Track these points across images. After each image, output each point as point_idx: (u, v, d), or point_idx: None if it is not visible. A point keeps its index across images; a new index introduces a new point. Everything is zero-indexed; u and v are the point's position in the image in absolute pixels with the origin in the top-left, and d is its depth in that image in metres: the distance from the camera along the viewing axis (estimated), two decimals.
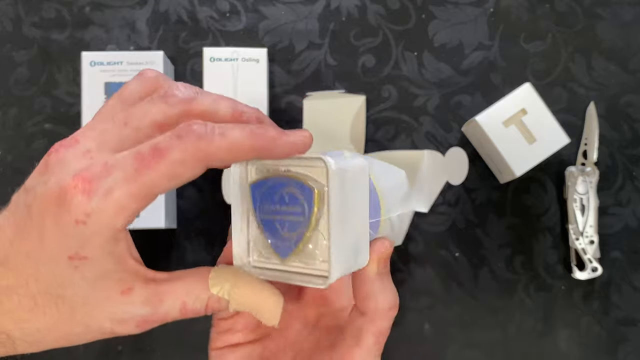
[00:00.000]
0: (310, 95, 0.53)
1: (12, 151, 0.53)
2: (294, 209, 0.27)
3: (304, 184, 0.27)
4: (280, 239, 0.28)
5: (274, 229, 0.28)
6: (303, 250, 0.28)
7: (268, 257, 0.29)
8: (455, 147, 0.52)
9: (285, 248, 0.28)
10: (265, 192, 0.28)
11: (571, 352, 0.53)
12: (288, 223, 0.27)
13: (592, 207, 0.52)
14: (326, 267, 0.27)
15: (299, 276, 0.28)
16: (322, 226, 0.27)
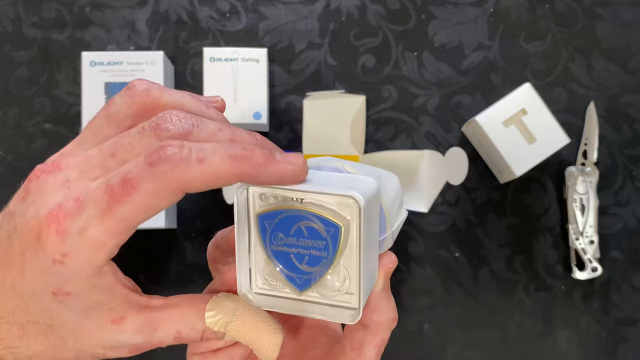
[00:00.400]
0: (310, 95, 0.53)
1: (12, 151, 0.53)
2: (315, 244, 0.26)
3: (328, 220, 0.26)
4: (297, 272, 0.27)
5: (289, 262, 0.27)
6: (322, 283, 0.27)
7: (278, 286, 0.28)
8: (455, 147, 0.52)
9: (303, 281, 0.27)
10: (278, 223, 0.27)
11: (571, 352, 0.53)
12: (308, 257, 0.27)
13: (592, 207, 0.52)
14: (347, 299, 0.27)
15: (317, 307, 0.28)
16: (344, 260, 0.27)
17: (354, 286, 0.27)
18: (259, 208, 0.27)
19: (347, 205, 0.26)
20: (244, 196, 0.27)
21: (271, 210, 0.27)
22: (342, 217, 0.26)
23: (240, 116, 0.51)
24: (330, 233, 0.26)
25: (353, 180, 0.28)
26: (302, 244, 0.27)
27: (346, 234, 0.26)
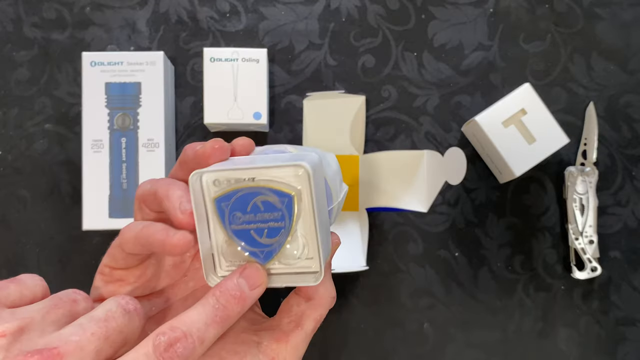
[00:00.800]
0: (310, 95, 0.53)
1: (12, 151, 0.54)
2: (272, 216, 0.28)
3: (281, 191, 0.28)
4: (259, 246, 0.29)
5: (250, 238, 0.29)
6: (283, 253, 0.29)
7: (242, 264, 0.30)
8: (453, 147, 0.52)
9: (265, 254, 0.29)
10: (235, 203, 0.29)
11: (571, 352, 0.53)
12: (267, 230, 0.29)
13: (592, 207, 0.52)
14: (307, 264, 0.29)
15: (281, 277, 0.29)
16: (300, 227, 0.29)
17: (312, 250, 0.29)
18: (214, 193, 0.29)
19: (296, 176, 0.28)
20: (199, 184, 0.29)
21: (226, 192, 0.29)
22: (293, 187, 0.28)
23: (240, 116, 0.51)
24: (285, 203, 0.28)
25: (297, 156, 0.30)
26: (260, 219, 0.29)
27: (299, 201, 0.28)
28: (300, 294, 0.33)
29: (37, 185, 0.53)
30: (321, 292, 0.32)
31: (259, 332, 0.32)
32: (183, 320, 0.27)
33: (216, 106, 0.51)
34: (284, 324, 0.32)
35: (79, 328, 0.25)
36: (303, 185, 0.28)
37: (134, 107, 0.50)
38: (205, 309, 0.27)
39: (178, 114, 0.54)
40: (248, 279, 0.28)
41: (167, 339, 0.26)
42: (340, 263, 0.50)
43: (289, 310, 0.33)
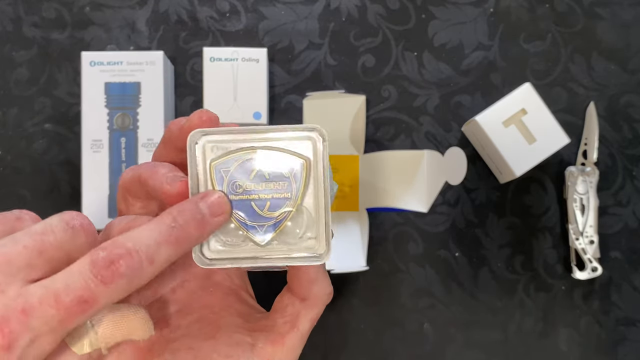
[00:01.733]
0: (310, 95, 0.53)
1: (12, 151, 0.53)
2: (277, 186, 0.25)
3: (292, 156, 0.25)
4: (259, 220, 0.26)
5: (250, 210, 0.26)
6: (283, 231, 0.26)
7: (238, 243, 0.26)
8: (454, 147, 0.52)
9: (266, 229, 0.26)
10: (236, 170, 0.26)
11: (571, 352, 0.53)
12: (270, 201, 0.26)
13: (592, 207, 0.52)
14: (310, 244, 0.26)
15: (280, 259, 0.26)
16: (307, 202, 0.26)
17: (317, 228, 0.26)
18: (214, 159, 0.26)
19: (305, 142, 0.25)
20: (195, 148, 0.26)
21: (227, 158, 0.26)
22: (302, 155, 0.25)
23: (240, 116, 0.51)
24: (293, 171, 0.25)
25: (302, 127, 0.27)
26: (263, 189, 0.26)
27: (308, 170, 0.25)
28: (294, 294, 0.30)
29: (37, 185, 0.53)
30: (315, 291, 0.30)
31: (253, 333, 0.30)
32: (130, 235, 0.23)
33: (216, 106, 0.50)
34: (278, 324, 0.30)
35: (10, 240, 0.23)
36: (316, 153, 0.25)
37: (133, 107, 0.50)
38: (159, 226, 0.24)
39: (178, 114, 0.54)
40: (211, 206, 0.25)
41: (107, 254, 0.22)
42: (340, 263, 0.50)
43: (283, 310, 0.30)
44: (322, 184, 0.25)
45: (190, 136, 0.26)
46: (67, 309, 0.22)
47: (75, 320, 0.22)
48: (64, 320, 0.22)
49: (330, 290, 0.31)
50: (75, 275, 0.22)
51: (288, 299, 0.31)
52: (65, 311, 0.22)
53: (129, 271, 0.22)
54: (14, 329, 0.21)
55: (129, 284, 0.23)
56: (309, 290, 0.30)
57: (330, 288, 0.31)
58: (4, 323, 0.22)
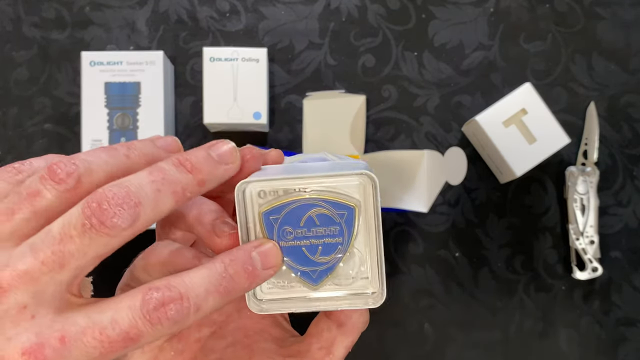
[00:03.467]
0: (310, 95, 0.53)
1: (12, 151, 0.53)
2: (329, 231, 0.26)
3: (340, 203, 0.25)
4: (311, 265, 0.26)
5: (302, 256, 0.26)
6: (337, 272, 0.26)
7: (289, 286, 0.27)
8: (454, 147, 0.52)
9: (318, 273, 0.26)
10: (286, 216, 0.26)
11: (571, 352, 0.53)
12: (322, 247, 0.26)
13: (593, 207, 0.52)
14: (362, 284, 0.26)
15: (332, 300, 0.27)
16: (357, 243, 0.26)
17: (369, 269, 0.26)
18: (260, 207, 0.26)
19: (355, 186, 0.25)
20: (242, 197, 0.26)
21: (276, 205, 0.26)
22: (353, 199, 0.25)
23: (240, 116, 0.51)
24: (344, 216, 0.25)
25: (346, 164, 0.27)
26: (314, 234, 0.26)
27: (358, 214, 0.25)
28: (332, 318, 0.29)
29: None
30: (355, 318, 0.29)
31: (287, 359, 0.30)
32: (183, 280, 0.23)
33: (216, 106, 0.50)
34: (313, 349, 0.29)
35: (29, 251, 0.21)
36: (366, 196, 0.25)
37: (133, 107, 0.50)
38: (211, 273, 0.23)
39: (178, 114, 0.54)
40: (263, 256, 0.25)
41: (160, 296, 0.22)
42: None
43: (319, 335, 0.29)
44: (373, 227, 0.26)
45: (238, 186, 0.26)
46: (112, 344, 0.21)
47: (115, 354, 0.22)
48: (105, 353, 0.22)
49: (367, 319, 0.30)
50: (124, 311, 0.22)
51: (324, 323, 0.30)
52: (109, 345, 0.21)
53: (177, 316, 0.22)
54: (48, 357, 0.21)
55: (172, 327, 0.22)
56: (348, 317, 0.29)
57: (367, 317, 0.30)
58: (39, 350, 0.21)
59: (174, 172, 0.23)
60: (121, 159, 0.24)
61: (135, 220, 0.22)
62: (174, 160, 0.24)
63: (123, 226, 0.22)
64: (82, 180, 0.22)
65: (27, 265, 0.21)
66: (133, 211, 0.22)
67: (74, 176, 0.22)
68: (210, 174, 0.24)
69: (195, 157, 0.24)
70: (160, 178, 0.23)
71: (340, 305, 0.26)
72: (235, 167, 0.25)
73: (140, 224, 0.22)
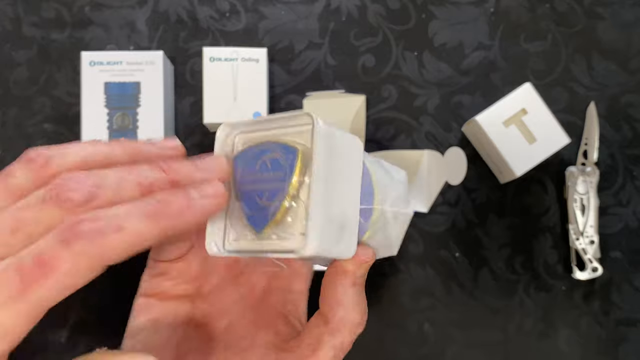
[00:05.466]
0: (310, 95, 0.53)
1: (12, 151, 0.53)
2: (276, 175, 0.24)
3: (287, 145, 0.24)
4: (257, 210, 0.25)
5: (253, 200, 0.25)
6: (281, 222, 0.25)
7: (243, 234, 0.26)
8: (454, 147, 0.52)
9: (261, 219, 0.25)
10: (248, 160, 0.25)
11: (571, 352, 0.53)
12: (268, 191, 0.24)
13: (593, 207, 0.52)
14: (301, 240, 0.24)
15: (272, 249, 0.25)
16: (303, 194, 0.24)
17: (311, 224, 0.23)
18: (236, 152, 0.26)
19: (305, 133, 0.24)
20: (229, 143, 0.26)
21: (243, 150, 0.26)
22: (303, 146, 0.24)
23: (240, 116, 0.51)
24: (289, 160, 0.24)
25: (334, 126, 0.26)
26: (265, 177, 0.25)
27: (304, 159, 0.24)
28: (321, 314, 0.28)
29: None
30: (341, 315, 0.27)
31: (280, 353, 0.28)
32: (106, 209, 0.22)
33: (216, 106, 0.50)
34: (303, 346, 0.28)
35: None
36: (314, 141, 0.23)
37: (133, 107, 0.50)
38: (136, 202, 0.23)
39: (177, 114, 0.54)
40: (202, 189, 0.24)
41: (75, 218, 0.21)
42: None
43: (310, 332, 0.28)
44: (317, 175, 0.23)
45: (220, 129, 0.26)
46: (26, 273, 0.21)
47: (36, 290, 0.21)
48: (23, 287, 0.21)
49: (359, 321, 0.27)
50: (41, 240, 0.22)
51: (315, 319, 0.28)
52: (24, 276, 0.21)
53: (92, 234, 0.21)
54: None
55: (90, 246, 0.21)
56: (331, 312, 0.27)
57: (360, 318, 0.27)
58: None
59: (146, 170, 0.24)
60: (100, 149, 0.24)
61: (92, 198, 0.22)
62: (154, 165, 0.24)
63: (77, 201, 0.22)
64: (50, 162, 0.23)
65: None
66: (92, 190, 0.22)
67: (44, 156, 0.23)
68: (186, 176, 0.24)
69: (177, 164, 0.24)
70: (127, 169, 0.23)
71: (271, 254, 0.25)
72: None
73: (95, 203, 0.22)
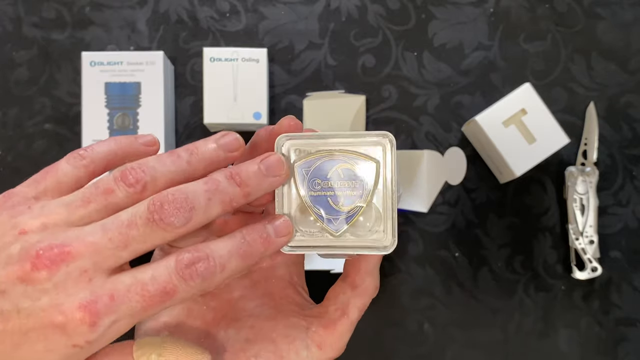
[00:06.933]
0: (310, 95, 0.53)
1: (12, 151, 0.53)
2: (350, 185, 0.29)
3: (364, 159, 0.29)
4: (334, 214, 0.30)
5: (327, 205, 0.30)
6: (355, 224, 0.30)
7: (315, 234, 0.30)
8: (453, 147, 0.52)
9: (339, 222, 0.30)
10: (316, 169, 0.30)
11: (571, 352, 0.53)
12: (344, 198, 0.29)
13: (592, 207, 0.52)
14: (378, 237, 0.30)
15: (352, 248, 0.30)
16: (376, 199, 0.29)
17: (384, 223, 0.30)
18: (296, 160, 0.30)
19: (379, 145, 0.29)
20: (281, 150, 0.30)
21: (308, 159, 0.30)
22: (374, 158, 0.29)
23: (240, 116, 0.51)
24: (365, 172, 0.29)
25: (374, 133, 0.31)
26: (339, 186, 0.30)
27: (378, 171, 0.29)
28: (347, 281, 0.34)
29: None
30: (367, 281, 0.33)
31: (307, 318, 0.33)
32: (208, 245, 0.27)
33: (216, 106, 0.50)
34: (330, 311, 0.33)
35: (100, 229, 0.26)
36: (385, 156, 0.29)
37: (133, 107, 0.50)
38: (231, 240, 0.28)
39: (178, 114, 0.54)
40: (276, 227, 0.29)
41: (190, 256, 0.26)
42: (340, 263, 0.50)
43: (335, 298, 0.33)
44: (390, 184, 0.29)
45: (278, 140, 0.30)
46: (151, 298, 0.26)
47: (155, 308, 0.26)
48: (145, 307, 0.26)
49: (378, 285, 0.34)
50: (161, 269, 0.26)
51: (340, 287, 0.34)
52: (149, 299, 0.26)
53: (205, 272, 0.26)
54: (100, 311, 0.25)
55: (202, 284, 0.26)
56: (363, 279, 0.33)
57: (378, 283, 0.34)
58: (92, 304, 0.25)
59: (225, 185, 0.28)
60: (183, 167, 0.28)
61: (188, 221, 0.26)
62: (227, 173, 0.28)
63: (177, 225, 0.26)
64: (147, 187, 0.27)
65: (96, 239, 0.26)
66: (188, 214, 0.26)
67: (141, 183, 0.27)
68: (256, 187, 0.28)
69: (246, 172, 0.28)
70: (213, 188, 0.27)
71: (357, 251, 0.30)
72: (282, 180, 0.29)
73: (191, 225, 0.27)
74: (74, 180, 0.29)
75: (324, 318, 0.33)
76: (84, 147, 0.30)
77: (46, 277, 0.25)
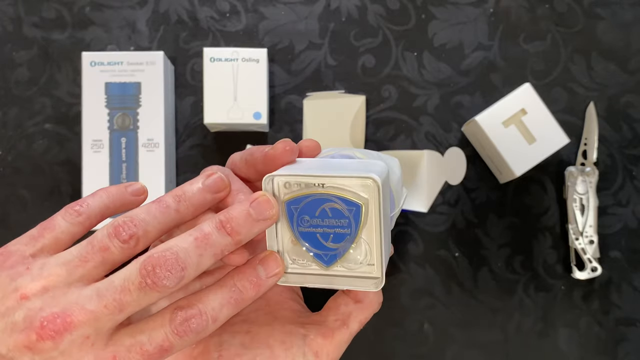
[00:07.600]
0: (310, 95, 0.53)
1: (12, 151, 0.54)
2: (339, 222, 0.30)
3: (350, 200, 0.29)
4: (324, 249, 0.30)
5: (316, 241, 0.30)
6: (346, 257, 0.31)
7: (307, 264, 0.31)
8: (453, 147, 0.52)
9: (330, 257, 0.31)
10: (304, 207, 0.30)
11: (571, 352, 0.53)
12: (333, 235, 0.30)
13: (592, 207, 0.52)
14: (368, 270, 0.31)
15: (342, 279, 0.31)
16: (365, 234, 0.30)
17: (375, 257, 0.30)
18: (284, 195, 0.30)
19: (365, 186, 0.29)
20: (270, 186, 0.30)
21: (296, 196, 0.30)
22: (361, 197, 0.29)
23: (240, 116, 0.51)
24: (352, 212, 0.30)
25: (366, 165, 0.31)
26: (327, 224, 0.30)
27: (366, 211, 0.29)
28: (350, 295, 0.34)
29: (37, 185, 0.53)
30: (371, 296, 0.34)
31: (305, 325, 0.34)
32: (200, 298, 0.29)
33: (216, 106, 0.50)
34: (330, 321, 0.34)
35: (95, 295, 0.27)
36: (371, 195, 0.29)
37: (133, 107, 0.50)
38: (223, 290, 0.29)
39: (178, 114, 0.54)
40: (266, 267, 0.30)
41: (183, 314, 0.28)
42: None
43: (336, 309, 0.34)
44: (378, 222, 0.29)
45: (265, 178, 0.30)
46: (150, 356, 0.27)
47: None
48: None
49: (381, 301, 0.35)
50: (157, 329, 0.28)
51: (342, 299, 0.35)
52: (148, 357, 0.27)
53: (198, 328, 0.28)
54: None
55: (196, 337, 0.28)
56: (366, 294, 0.34)
57: (382, 299, 0.35)
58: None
59: (216, 236, 0.28)
60: (172, 215, 0.30)
61: (181, 280, 0.28)
62: (217, 223, 0.29)
63: (171, 286, 0.27)
64: (140, 241, 0.29)
65: (94, 307, 0.27)
66: (180, 274, 0.27)
67: (135, 238, 0.28)
68: (247, 233, 0.29)
69: (237, 219, 0.29)
70: (204, 244, 0.28)
71: (347, 285, 0.31)
72: (272, 222, 0.30)
73: (184, 283, 0.28)
74: (71, 236, 0.30)
75: (322, 326, 0.34)
76: (78, 201, 0.31)
77: (52, 346, 0.26)
